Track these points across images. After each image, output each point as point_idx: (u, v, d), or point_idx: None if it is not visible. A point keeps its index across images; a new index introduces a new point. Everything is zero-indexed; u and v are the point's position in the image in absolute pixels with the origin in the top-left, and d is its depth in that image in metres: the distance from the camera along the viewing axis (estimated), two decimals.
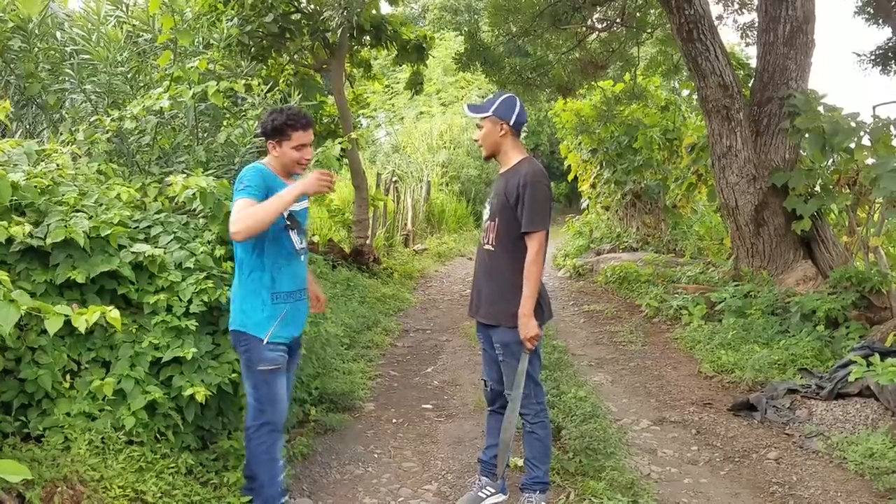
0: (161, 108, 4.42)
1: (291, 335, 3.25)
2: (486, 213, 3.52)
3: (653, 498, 3.71)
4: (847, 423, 4.59)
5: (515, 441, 3.96)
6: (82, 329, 2.51)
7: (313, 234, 5.49)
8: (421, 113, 22.23)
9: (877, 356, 4.69)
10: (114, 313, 2.54)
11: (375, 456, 4.32)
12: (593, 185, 14.40)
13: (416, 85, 11.72)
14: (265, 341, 3.10)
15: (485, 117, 3.40)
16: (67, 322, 2.56)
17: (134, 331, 3.40)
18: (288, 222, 3.15)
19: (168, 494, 3.11)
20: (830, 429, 4.58)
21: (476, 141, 3.48)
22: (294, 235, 3.21)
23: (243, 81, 4.70)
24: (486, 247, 3.45)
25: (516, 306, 3.30)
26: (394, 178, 15.30)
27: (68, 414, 3.17)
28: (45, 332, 3.10)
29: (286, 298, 3.19)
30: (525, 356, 3.35)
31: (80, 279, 3.23)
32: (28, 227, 3.14)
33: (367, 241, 10.81)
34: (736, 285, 7.46)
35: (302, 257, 3.28)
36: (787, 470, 4.16)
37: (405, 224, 14.76)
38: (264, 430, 3.15)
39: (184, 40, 4.86)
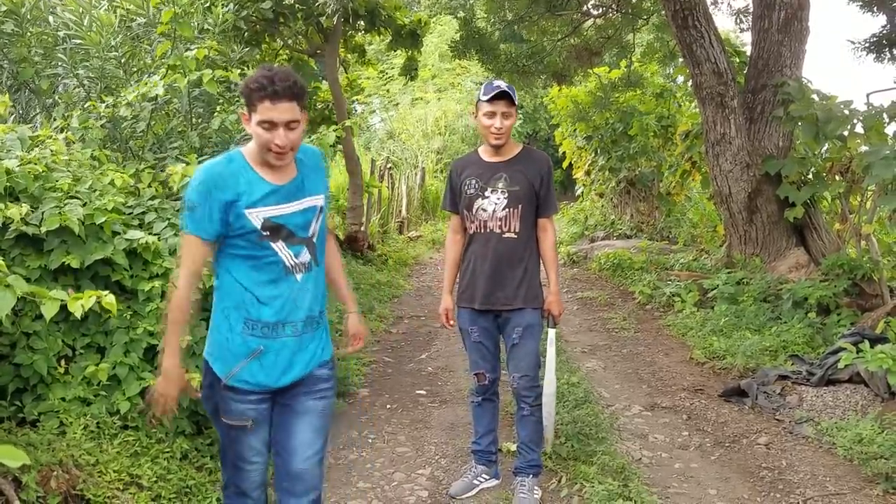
0: (157, 94, 4.40)
1: (269, 384, 2.32)
2: (494, 202, 3.38)
3: (643, 482, 3.75)
4: (837, 409, 4.64)
5: (508, 426, 4.00)
6: (78, 314, 2.52)
7: None
8: (416, 99, 22.15)
9: (866, 343, 4.73)
10: (109, 298, 2.55)
11: (370, 441, 4.36)
12: (588, 173, 14.42)
13: (410, 71, 11.68)
14: (223, 383, 2.28)
15: (515, 105, 3.37)
16: (62, 308, 2.58)
17: (128, 317, 3.41)
18: (265, 232, 2.25)
19: (163, 479, 3.14)
20: (820, 415, 4.62)
21: (499, 129, 3.32)
22: (281, 247, 2.29)
23: (238, 71, 4.68)
24: (508, 235, 3.39)
25: (539, 288, 3.47)
26: (388, 165, 15.27)
27: (63, 399, 3.19)
28: (39, 317, 3.11)
29: (266, 332, 2.28)
30: (553, 332, 3.63)
31: (75, 264, 3.24)
32: (25, 209, 3.14)
33: (362, 228, 10.81)
34: (728, 272, 7.50)
35: (300, 276, 2.32)
36: (777, 455, 4.21)
37: (399, 211, 14.75)
38: (229, 490, 2.46)
39: (185, 32, 4.83)
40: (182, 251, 2.29)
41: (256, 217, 2.24)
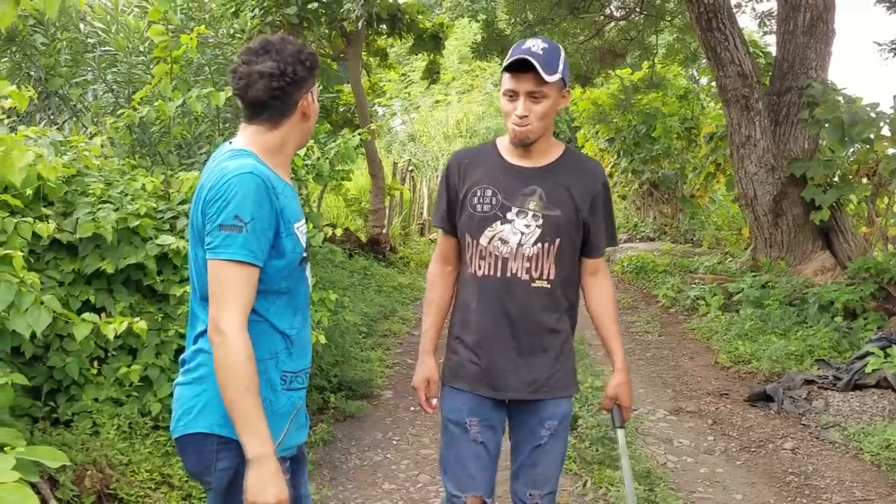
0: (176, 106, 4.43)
1: (300, 441, 1.90)
2: (521, 230, 2.16)
3: (669, 487, 3.75)
4: (864, 414, 4.60)
5: None
6: (111, 337, 2.56)
7: (332, 225, 5.32)
8: (437, 101, 22.19)
9: (894, 348, 4.70)
10: (140, 324, 2.61)
11: (394, 443, 4.39)
12: (610, 175, 14.38)
13: (432, 74, 11.73)
14: None
15: (551, 81, 2.07)
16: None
17: (159, 319, 3.46)
18: (305, 253, 1.83)
19: None
20: (847, 420, 4.59)
21: (522, 118, 2.08)
22: (309, 273, 1.91)
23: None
24: (539, 283, 2.19)
25: (573, 363, 2.39)
26: (410, 167, 15.33)
27: (96, 400, 3.25)
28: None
29: (301, 383, 1.86)
30: (622, 434, 2.43)
31: (110, 269, 3.30)
32: (53, 225, 3.13)
33: (384, 230, 10.87)
34: (754, 276, 7.45)
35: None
36: (804, 460, 4.18)
37: (421, 213, 14.81)
38: None
39: (162, 6, 4.80)
40: (229, 288, 1.64)
41: (302, 234, 1.79)
